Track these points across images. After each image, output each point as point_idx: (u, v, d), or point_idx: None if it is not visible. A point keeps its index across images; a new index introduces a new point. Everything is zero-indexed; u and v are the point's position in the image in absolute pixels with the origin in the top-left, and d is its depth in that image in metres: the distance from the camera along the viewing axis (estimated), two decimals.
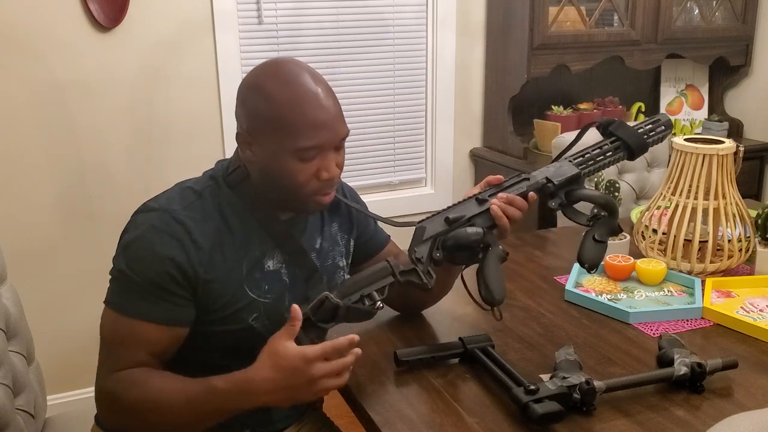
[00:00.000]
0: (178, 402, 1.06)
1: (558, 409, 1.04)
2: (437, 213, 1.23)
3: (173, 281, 1.10)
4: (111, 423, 1.15)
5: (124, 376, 1.09)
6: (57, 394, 2.36)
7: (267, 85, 1.11)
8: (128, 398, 1.08)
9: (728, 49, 3.00)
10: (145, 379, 1.09)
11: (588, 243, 1.23)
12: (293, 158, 1.11)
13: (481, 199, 1.23)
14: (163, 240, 1.10)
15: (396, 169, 2.87)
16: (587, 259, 1.23)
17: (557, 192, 1.24)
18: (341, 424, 1.47)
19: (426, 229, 1.20)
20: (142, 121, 2.37)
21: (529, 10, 2.55)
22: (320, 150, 1.12)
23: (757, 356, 1.28)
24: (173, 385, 1.08)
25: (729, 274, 1.64)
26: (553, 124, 2.74)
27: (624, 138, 1.27)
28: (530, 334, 1.37)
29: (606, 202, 1.23)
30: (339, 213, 1.35)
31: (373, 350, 1.32)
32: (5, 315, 1.40)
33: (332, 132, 1.12)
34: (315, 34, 2.58)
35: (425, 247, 1.19)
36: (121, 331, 1.11)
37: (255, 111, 1.12)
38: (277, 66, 1.13)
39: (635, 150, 1.28)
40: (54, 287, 2.35)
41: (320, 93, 1.11)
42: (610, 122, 1.29)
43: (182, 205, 1.14)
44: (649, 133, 1.30)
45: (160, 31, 2.33)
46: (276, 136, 1.10)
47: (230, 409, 1.06)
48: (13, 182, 2.25)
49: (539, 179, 1.25)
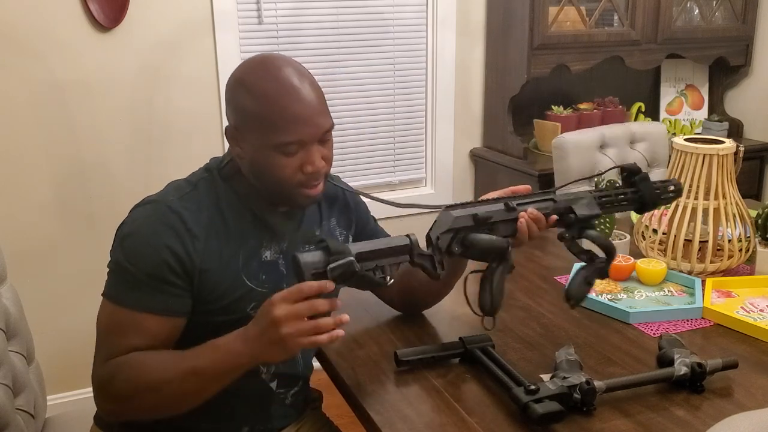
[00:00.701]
0: (173, 369, 1.07)
1: (558, 409, 1.04)
2: (465, 204, 1.21)
3: (170, 271, 1.11)
4: (109, 411, 1.15)
5: (119, 361, 1.10)
6: (57, 394, 2.36)
7: (249, 80, 1.12)
8: (122, 380, 1.08)
9: (728, 49, 3.00)
10: (139, 360, 1.09)
11: (578, 281, 1.25)
12: (276, 153, 1.12)
13: (510, 207, 1.22)
14: (158, 230, 1.12)
15: (396, 169, 2.87)
16: (574, 296, 1.26)
17: (574, 224, 1.26)
18: (341, 424, 1.47)
19: (453, 219, 1.18)
20: (142, 121, 2.37)
21: (529, 10, 2.55)
22: (302, 144, 1.12)
23: (757, 356, 1.28)
24: (166, 356, 1.10)
25: (729, 274, 1.64)
26: (553, 124, 2.74)
27: (644, 193, 1.31)
28: (530, 334, 1.37)
29: (608, 248, 1.24)
30: (338, 208, 1.36)
31: (373, 350, 1.32)
32: (5, 315, 1.40)
33: (313, 126, 1.12)
34: (315, 34, 2.58)
35: (447, 238, 1.18)
36: (118, 322, 1.11)
37: (239, 107, 1.14)
38: (261, 61, 1.15)
39: (647, 207, 1.34)
40: (54, 287, 2.35)
41: (300, 87, 1.12)
42: (637, 172, 1.31)
43: (177, 196, 1.16)
44: (663, 194, 1.34)
45: (160, 31, 2.33)
46: (258, 131, 1.12)
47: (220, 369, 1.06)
48: (13, 182, 2.25)
49: (564, 206, 1.26)
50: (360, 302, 1.49)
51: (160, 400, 1.08)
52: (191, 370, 1.06)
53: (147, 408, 1.10)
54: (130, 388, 1.08)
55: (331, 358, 1.31)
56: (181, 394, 1.07)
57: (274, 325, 1.00)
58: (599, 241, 1.25)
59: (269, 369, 1.24)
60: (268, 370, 1.24)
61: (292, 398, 1.30)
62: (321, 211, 1.32)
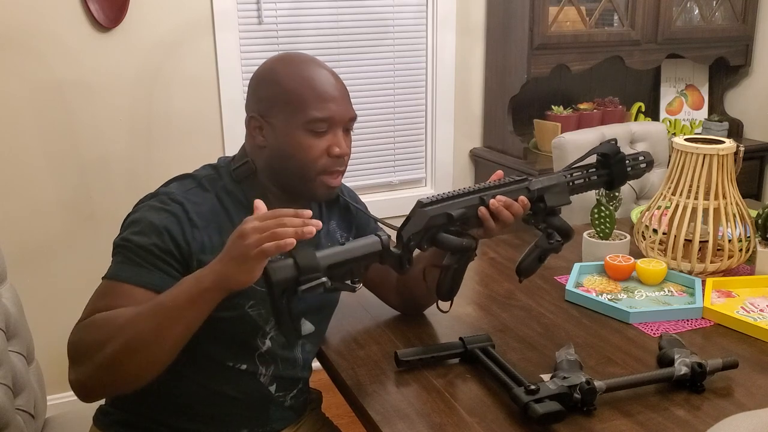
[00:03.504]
0: (141, 309, 1.01)
1: (558, 409, 1.04)
2: (441, 200, 1.19)
3: (168, 253, 1.11)
4: (81, 381, 1.04)
5: (92, 317, 1.05)
6: (57, 394, 2.36)
7: (278, 69, 1.19)
8: (93, 330, 1.03)
9: (728, 49, 3.00)
10: (110, 313, 1.04)
11: (532, 259, 1.27)
12: (305, 132, 1.15)
13: (486, 201, 1.22)
14: (160, 215, 1.14)
15: (396, 169, 2.87)
16: (524, 273, 1.28)
17: (541, 211, 1.26)
18: (341, 424, 1.47)
19: (429, 218, 1.18)
20: (142, 121, 2.37)
21: (529, 10, 2.55)
22: (331, 124, 1.16)
23: (757, 356, 1.28)
24: (139, 305, 1.04)
25: (729, 274, 1.64)
26: (553, 124, 2.74)
27: (614, 173, 1.32)
28: (530, 334, 1.37)
29: (568, 233, 1.26)
30: (338, 211, 1.36)
31: (373, 350, 1.32)
32: (5, 315, 1.40)
33: (342, 107, 1.17)
34: (315, 34, 2.58)
35: (419, 237, 1.18)
36: (109, 292, 1.09)
37: (266, 93, 1.18)
38: (287, 54, 1.23)
39: (615, 186, 1.34)
40: (54, 287, 2.35)
41: (330, 73, 1.20)
42: (616, 152, 1.31)
43: (180, 190, 1.19)
44: (633, 169, 1.34)
45: (160, 31, 2.33)
46: (287, 111, 1.15)
47: (185, 297, 1.00)
48: (13, 182, 2.25)
49: (537, 195, 1.25)
50: (360, 302, 1.49)
51: (128, 348, 0.99)
52: (158, 303, 1.01)
53: (116, 363, 1.00)
54: (99, 337, 1.01)
55: (331, 358, 1.31)
56: (151, 336, 0.99)
57: (239, 238, 0.97)
58: (561, 228, 1.26)
59: (268, 372, 1.24)
60: (267, 373, 1.24)
61: (291, 400, 1.30)
62: (321, 213, 1.32)
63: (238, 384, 1.22)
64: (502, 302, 1.52)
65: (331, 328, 1.38)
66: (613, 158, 1.31)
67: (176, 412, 1.21)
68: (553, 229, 1.26)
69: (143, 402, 1.22)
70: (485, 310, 1.49)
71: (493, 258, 1.79)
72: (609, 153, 1.31)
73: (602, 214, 1.68)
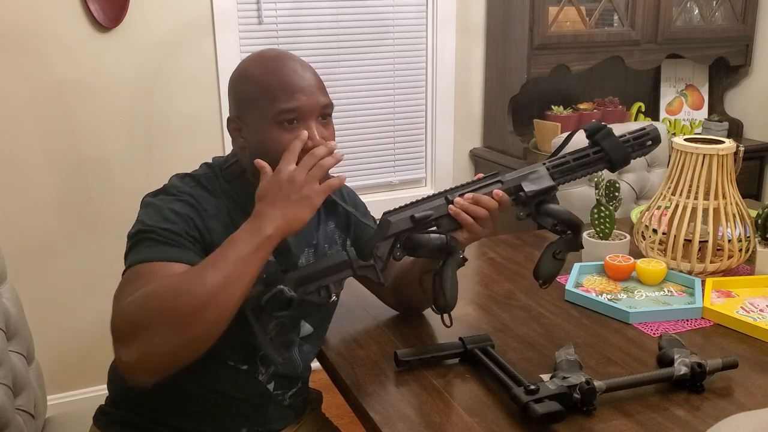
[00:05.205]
0: (207, 270, 0.99)
1: (558, 409, 1.04)
2: (405, 207, 1.19)
3: (193, 238, 1.12)
4: (139, 355, 0.97)
5: (144, 292, 1.00)
6: (57, 394, 2.36)
7: (248, 68, 1.18)
8: (138, 296, 0.99)
9: (728, 49, 3.00)
10: (165, 281, 1.00)
11: (546, 258, 1.21)
12: (276, 126, 1.12)
13: (450, 200, 1.19)
14: (175, 203, 1.14)
15: (396, 169, 2.87)
16: (543, 275, 1.22)
17: (528, 202, 1.20)
18: (341, 424, 1.47)
19: (391, 225, 1.17)
20: (141, 121, 2.37)
21: (529, 10, 2.55)
22: (301, 115, 1.13)
23: (757, 356, 1.28)
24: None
25: (729, 274, 1.64)
26: (553, 124, 2.74)
27: (607, 150, 1.21)
28: (530, 334, 1.37)
29: (570, 220, 1.19)
30: (336, 213, 1.36)
31: (373, 350, 1.32)
32: (5, 315, 1.40)
33: (310, 97, 1.13)
34: (315, 34, 2.58)
35: (386, 245, 1.18)
36: (144, 274, 1.04)
37: (240, 93, 1.17)
38: (258, 53, 1.21)
39: (617, 163, 1.23)
40: (54, 287, 2.35)
41: (298, 64, 1.16)
42: (598, 129, 1.22)
43: (184, 185, 1.19)
44: (635, 146, 1.24)
45: (160, 31, 2.33)
46: (258, 108, 1.13)
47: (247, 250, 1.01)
48: (13, 182, 2.25)
49: (512, 185, 1.20)
50: (360, 302, 1.49)
51: (199, 304, 0.96)
52: (218, 259, 1.00)
53: (187, 323, 0.96)
54: (160, 304, 0.96)
55: (331, 358, 1.31)
56: (220, 289, 0.97)
57: (290, 183, 1.05)
58: (560, 216, 1.19)
59: (267, 370, 1.24)
60: (266, 372, 1.24)
61: (290, 399, 1.30)
62: (320, 214, 1.32)
63: (237, 383, 1.22)
64: (501, 302, 1.52)
65: (331, 329, 1.38)
66: (597, 134, 1.22)
67: (176, 411, 1.22)
68: (554, 219, 1.19)
69: (143, 401, 1.22)
70: (485, 310, 1.49)
71: (493, 258, 1.79)
72: (590, 129, 1.22)
73: (602, 214, 1.68)
